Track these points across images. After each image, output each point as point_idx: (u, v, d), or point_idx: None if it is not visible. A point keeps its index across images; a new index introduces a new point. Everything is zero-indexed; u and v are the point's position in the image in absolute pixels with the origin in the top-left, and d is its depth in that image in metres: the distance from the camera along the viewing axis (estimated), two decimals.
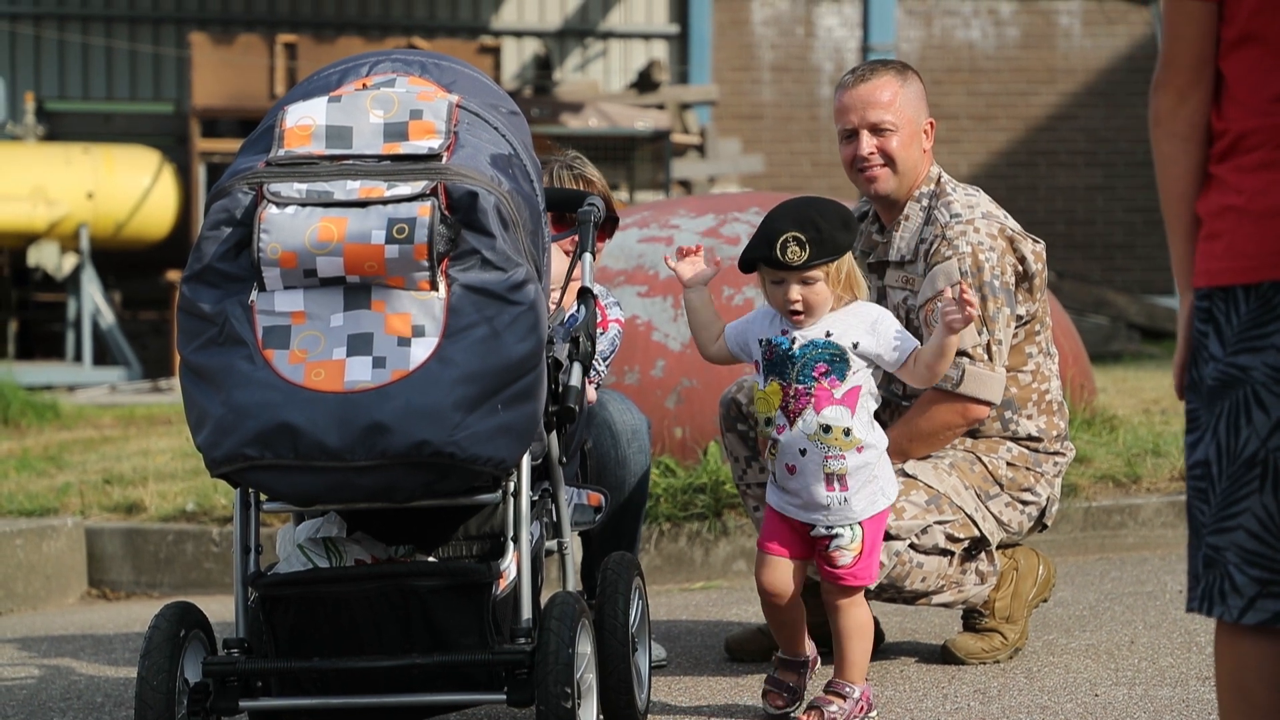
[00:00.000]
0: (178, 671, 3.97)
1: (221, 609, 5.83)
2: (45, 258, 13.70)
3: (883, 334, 4.38)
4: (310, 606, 4.05)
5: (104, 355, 13.97)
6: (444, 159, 4.02)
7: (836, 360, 4.34)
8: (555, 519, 4.39)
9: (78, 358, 13.83)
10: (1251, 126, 2.82)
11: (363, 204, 3.95)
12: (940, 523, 4.80)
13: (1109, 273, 17.46)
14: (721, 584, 6.55)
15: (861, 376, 4.37)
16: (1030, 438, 4.99)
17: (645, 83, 15.65)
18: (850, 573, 4.40)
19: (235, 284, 3.96)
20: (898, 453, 4.82)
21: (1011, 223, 4.98)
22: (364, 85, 4.16)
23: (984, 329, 4.83)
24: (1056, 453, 5.03)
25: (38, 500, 7.52)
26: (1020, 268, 4.92)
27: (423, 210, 3.93)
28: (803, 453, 4.35)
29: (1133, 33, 17.79)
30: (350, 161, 4.03)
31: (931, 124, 5.02)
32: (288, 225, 3.92)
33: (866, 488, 4.39)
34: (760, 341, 4.44)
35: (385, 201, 3.94)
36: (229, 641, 4.05)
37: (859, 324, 4.38)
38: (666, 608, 6.08)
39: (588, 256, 4.60)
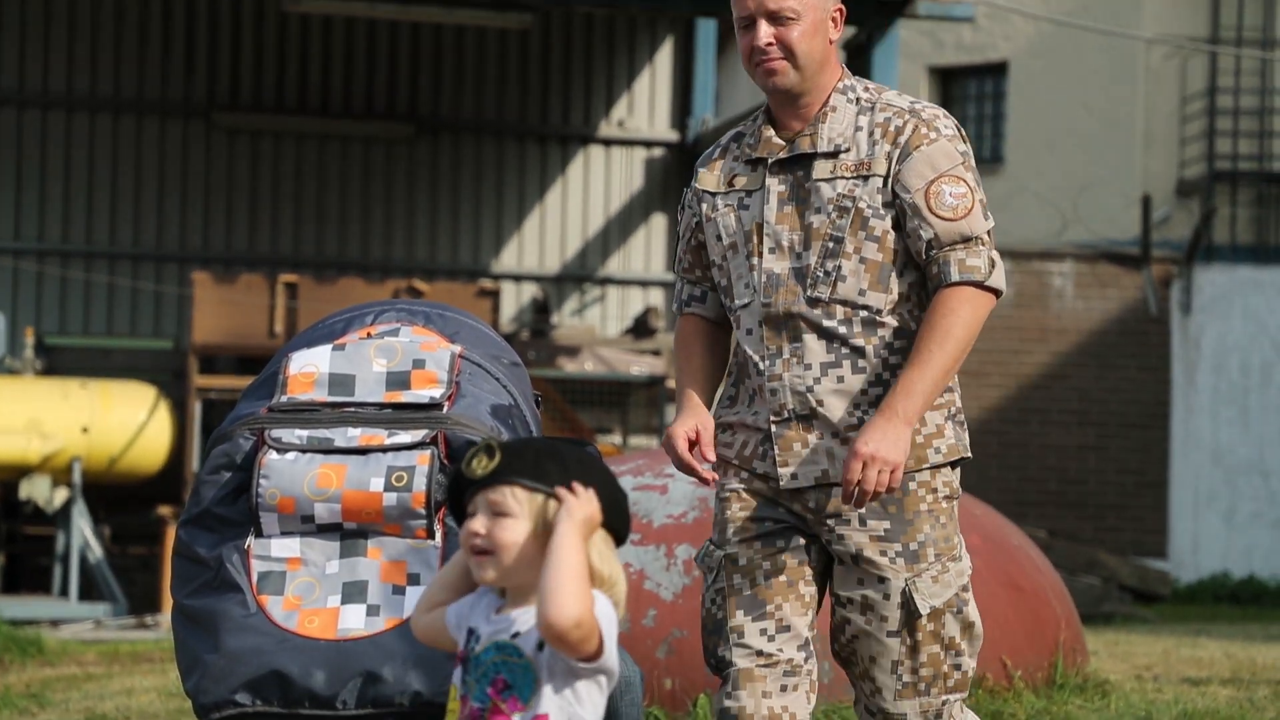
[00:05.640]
0: None
1: None
2: (37, 491, 13.68)
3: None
4: None
5: (91, 589, 13.88)
6: (445, 408, 4.05)
7: (519, 673, 3.03)
8: None
9: (64, 592, 13.74)
10: None
11: (363, 451, 3.97)
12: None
13: (1101, 533, 17.44)
14: None
15: (552, 702, 3.01)
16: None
17: (641, 328, 15.80)
18: None
19: (232, 529, 3.97)
20: (931, 365, 4.21)
21: None
22: (368, 334, 4.21)
23: (988, 215, 4.35)
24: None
25: None
26: None
27: (422, 459, 3.94)
28: None
29: (1124, 296, 17.99)
30: (352, 409, 4.06)
31: (841, 11, 4.39)
32: (287, 471, 3.94)
33: None
34: (466, 631, 3.18)
35: (385, 449, 3.97)
36: None
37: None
38: None
39: None
